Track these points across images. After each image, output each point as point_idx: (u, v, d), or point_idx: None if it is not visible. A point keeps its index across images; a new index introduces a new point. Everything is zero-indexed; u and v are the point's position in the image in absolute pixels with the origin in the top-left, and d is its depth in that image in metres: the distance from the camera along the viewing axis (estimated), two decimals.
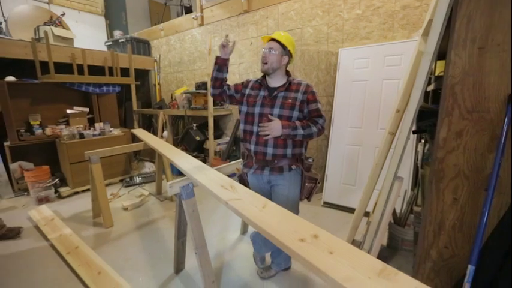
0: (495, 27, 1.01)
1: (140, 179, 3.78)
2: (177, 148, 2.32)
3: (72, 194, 3.36)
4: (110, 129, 3.89)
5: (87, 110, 4.00)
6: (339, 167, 2.88)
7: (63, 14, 4.28)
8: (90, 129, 3.77)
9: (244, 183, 1.68)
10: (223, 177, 1.42)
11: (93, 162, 2.43)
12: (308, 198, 1.64)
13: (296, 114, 1.49)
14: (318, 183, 1.63)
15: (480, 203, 1.10)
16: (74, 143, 3.39)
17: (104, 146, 2.79)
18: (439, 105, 1.17)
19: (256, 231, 1.77)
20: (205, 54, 4.16)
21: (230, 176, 1.47)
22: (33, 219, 2.63)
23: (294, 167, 1.54)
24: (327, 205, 2.93)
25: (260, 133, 1.48)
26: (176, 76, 5.05)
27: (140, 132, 3.10)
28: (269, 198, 1.51)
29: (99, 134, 3.70)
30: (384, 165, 1.65)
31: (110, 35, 5.58)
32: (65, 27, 4.22)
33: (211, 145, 3.89)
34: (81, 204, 3.06)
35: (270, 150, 1.51)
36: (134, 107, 4.97)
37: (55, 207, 2.96)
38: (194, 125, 4.28)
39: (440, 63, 2.27)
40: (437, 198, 1.19)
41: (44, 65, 3.44)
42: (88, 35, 5.17)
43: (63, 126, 3.63)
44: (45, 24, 3.86)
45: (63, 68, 3.71)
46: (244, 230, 2.40)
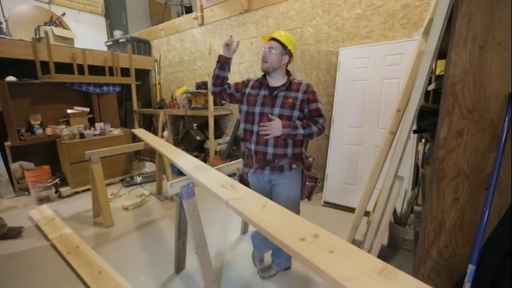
0: (496, 26, 1.01)
1: (140, 178, 3.79)
2: (178, 148, 2.33)
3: (72, 193, 3.36)
4: (111, 129, 3.89)
5: (88, 110, 4.00)
6: (339, 167, 2.88)
7: (64, 14, 4.28)
8: (90, 129, 3.78)
9: (244, 183, 1.68)
10: (223, 176, 1.42)
11: (94, 162, 2.44)
12: (309, 198, 1.64)
13: (296, 113, 1.49)
14: (319, 183, 1.63)
15: (480, 202, 1.10)
16: (74, 142, 3.40)
17: (105, 146, 2.80)
18: (440, 104, 1.16)
19: (256, 230, 1.77)
20: (206, 54, 4.16)
21: (230, 176, 1.47)
22: (33, 219, 2.63)
23: (294, 166, 1.54)
24: (328, 205, 2.92)
25: (260, 132, 1.48)
26: (176, 76, 5.06)
27: (140, 132, 3.11)
28: (270, 197, 1.50)
29: (100, 134, 3.70)
30: (385, 164, 1.65)
31: (110, 35, 5.58)
32: (65, 27, 4.22)
33: (211, 145, 3.90)
34: (82, 204, 3.07)
35: (270, 150, 1.51)
36: (134, 106, 4.98)
37: (56, 207, 2.96)
38: (194, 124, 4.28)
39: (440, 63, 2.27)
40: (437, 198, 1.19)
41: (45, 65, 3.44)
42: (88, 35, 5.17)
43: (64, 126, 3.63)
44: (45, 24, 3.87)
45: (64, 68, 3.71)
46: (244, 229, 2.40)
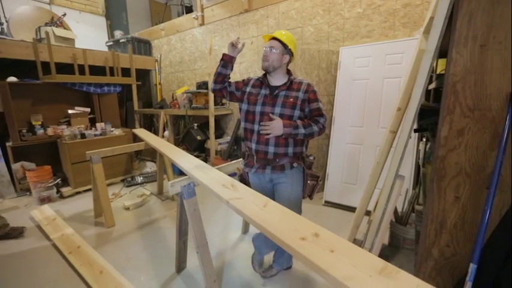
0: (496, 25, 1.01)
1: (141, 178, 3.79)
2: (178, 148, 2.33)
3: (74, 193, 3.37)
4: (111, 129, 3.90)
5: (89, 110, 4.01)
6: (340, 166, 2.87)
7: (64, 15, 4.29)
8: (91, 129, 3.79)
9: (245, 183, 1.67)
10: (224, 176, 1.42)
11: (95, 162, 2.44)
12: (310, 197, 1.64)
13: (297, 113, 1.49)
14: (320, 181, 1.63)
15: (482, 201, 1.10)
16: (75, 143, 3.40)
17: (105, 146, 2.80)
18: (440, 103, 1.16)
19: (257, 233, 1.77)
20: (206, 53, 4.17)
21: (231, 176, 1.47)
22: (35, 219, 2.64)
23: (295, 165, 1.54)
24: (328, 204, 2.92)
25: (261, 132, 1.48)
26: (177, 76, 5.06)
27: (141, 132, 3.11)
28: (271, 197, 1.51)
29: (101, 134, 3.71)
30: (385, 163, 1.64)
31: (110, 35, 5.59)
32: (66, 28, 4.23)
33: (212, 144, 3.90)
34: (83, 204, 3.07)
35: (271, 149, 1.51)
36: (135, 107, 4.98)
37: (57, 207, 2.97)
38: (195, 124, 4.28)
39: (441, 62, 2.26)
40: (438, 197, 1.19)
41: (46, 65, 3.45)
42: (89, 35, 5.18)
43: (65, 127, 3.64)
44: (46, 24, 3.88)
45: (65, 69, 3.72)
46: (245, 229, 2.40)
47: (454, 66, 1.10)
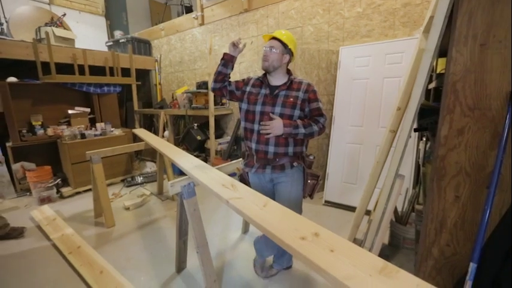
0: (497, 24, 1.00)
1: (141, 178, 3.79)
2: (178, 148, 2.33)
3: (74, 194, 3.37)
4: (111, 129, 3.90)
5: (89, 110, 4.01)
6: (340, 166, 2.87)
7: (64, 15, 4.29)
8: (91, 129, 3.79)
9: (245, 183, 1.67)
10: (224, 176, 1.42)
11: (95, 162, 2.44)
12: (311, 196, 1.64)
13: (297, 113, 1.49)
14: (320, 180, 1.63)
15: (482, 200, 1.10)
16: (75, 143, 3.40)
17: (105, 146, 2.80)
18: (440, 102, 1.16)
19: (258, 237, 1.77)
20: (206, 53, 4.17)
21: (231, 176, 1.47)
22: (35, 219, 2.64)
23: (295, 164, 1.54)
24: (328, 204, 2.92)
25: (261, 131, 1.48)
26: (177, 76, 5.06)
27: (141, 132, 3.11)
28: (271, 197, 1.51)
29: (101, 134, 3.71)
30: (385, 163, 1.64)
31: (110, 35, 5.59)
32: (65, 28, 4.23)
33: (212, 144, 3.90)
34: (83, 204, 3.07)
35: (271, 149, 1.51)
36: (135, 107, 4.98)
37: (57, 207, 2.97)
38: (195, 124, 4.28)
39: (441, 61, 2.26)
40: (438, 196, 1.19)
41: (45, 65, 3.45)
42: (89, 36, 5.17)
43: (65, 127, 3.64)
44: (46, 25, 3.88)
45: (65, 69, 3.72)
46: (245, 229, 2.40)
47: (454, 66, 1.09)
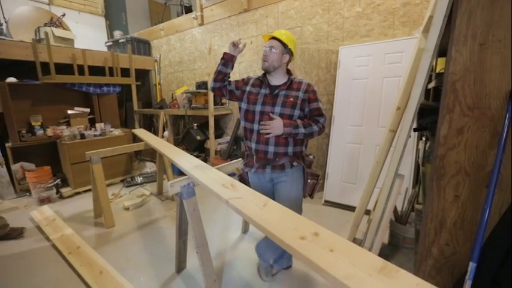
0: (496, 23, 1.01)
1: (141, 179, 3.79)
2: (178, 148, 2.32)
3: (73, 194, 3.37)
4: (111, 129, 3.90)
5: (88, 110, 4.00)
6: (339, 165, 2.87)
7: (64, 15, 4.28)
8: (91, 129, 3.78)
9: (244, 183, 1.67)
10: (224, 176, 1.42)
11: (94, 162, 2.44)
12: (311, 195, 1.64)
13: (297, 113, 1.49)
14: (320, 180, 1.63)
15: (481, 200, 1.10)
16: (75, 143, 3.40)
17: (105, 146, 2.80)
18: (440, 102, 1.16)
19: (259, 241, 1.77)
20: (206, 53, 4.16)
21: (230, 176, 1.47)
22: (35, 220, 2.64)
23: (295, 164, 1.54)
24: (328, 203, 2.92)
25: (261, 131, 1.48)
26: (176, 76, 5.05)
27: (141, 132, 3.11)
28: (271, 197, 1.51)
29: (100, 135, 3.71)
30: (385, 163, 1.64)
31: (110, 35, 5.58)
32: (65, 28, 4.22)
33: (211, 144, 3.90)
34: (83, 204, 3.07)
35: (271, 149, 1.51)
36: (135, 107, 4.98)
37: (57, 208, 2.97)
38: (195, 124, 4.28)
39: (441, 61, 2.26)
40: (438, 196, 1.19)
41: (45, 65, 3.45)
42: (88, 36, 5.17)
43: (64, 127, 3.64)
44: (45, 25, 3.87)
45: (64, 69, 3.72)
46: (245, 229, 2.40)
47: (453, 65, 1.09)
